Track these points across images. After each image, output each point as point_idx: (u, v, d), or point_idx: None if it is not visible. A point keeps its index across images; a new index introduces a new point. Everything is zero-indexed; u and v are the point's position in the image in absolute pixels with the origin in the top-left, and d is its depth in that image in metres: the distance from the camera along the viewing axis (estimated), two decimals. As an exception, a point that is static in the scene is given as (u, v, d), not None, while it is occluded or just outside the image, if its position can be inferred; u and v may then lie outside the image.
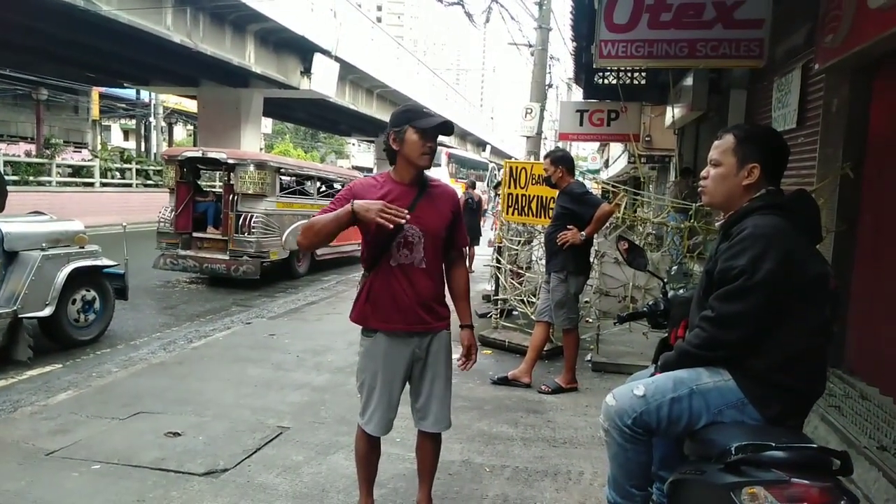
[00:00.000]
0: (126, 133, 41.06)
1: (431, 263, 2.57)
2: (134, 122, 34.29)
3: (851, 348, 4.29)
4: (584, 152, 40.21)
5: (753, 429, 1.93)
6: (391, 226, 2.27)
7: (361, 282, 2.64)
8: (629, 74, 10.96)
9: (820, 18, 4.60)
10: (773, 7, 5.36)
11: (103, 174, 20.26)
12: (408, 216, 2.31)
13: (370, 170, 36.99)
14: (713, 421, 2.00)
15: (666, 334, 2.67)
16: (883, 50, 3.89)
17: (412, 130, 2.47)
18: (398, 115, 2.55)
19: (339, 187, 12.13)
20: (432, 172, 2.72)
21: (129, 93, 29.66)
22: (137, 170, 22.39)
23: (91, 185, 19.45)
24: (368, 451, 2.72)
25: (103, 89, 28.57)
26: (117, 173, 21.43)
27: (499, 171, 18.14)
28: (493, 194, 12.35)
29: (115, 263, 6.16)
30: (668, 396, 2.04)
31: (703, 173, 2.22)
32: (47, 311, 5.31)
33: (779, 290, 1.88)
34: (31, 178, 17.26)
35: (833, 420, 3.55)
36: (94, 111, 29.08)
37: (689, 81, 8.45)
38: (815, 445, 1.78)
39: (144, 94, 29.32)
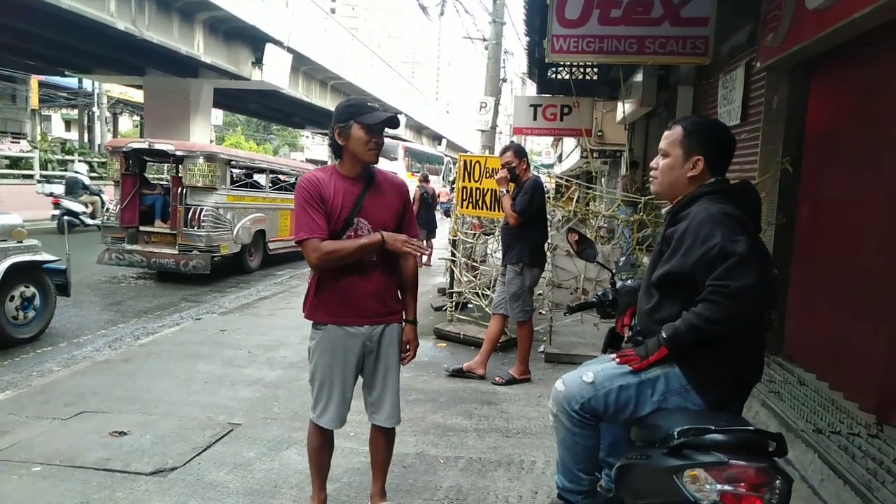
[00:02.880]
0: (68, 123, 39.50)
1: (382, 256, 2.54)
2: (76, 112, 33.01)
3: (790, 337, 4.48)
4: (539, 147, 40.67)
5: (695, 414, 1.99)
6: (417, 254, 2.55)
7: (311, 275, 2.61)
8: (581, 70, 11.13)
9: (761, 18, 4.77)
10: (717, 6, 5.53)
11: (43, 166, 19.44)
12: (428, 250, 2.46)
13: (324, 162, 36.45)
14: (658, 407, 2.06)
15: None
16: (820, 49, 4.06)
17: (357, 126, 2.44)
18: (342, 109, 2.52)
19: (293, 180, 11.99)
20: (390, 166, 2.70)
21: (71, 81, 28.50)
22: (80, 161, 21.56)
23: (30, 177, 18.64)
24: (321, 446, 2.70)
25: (43, 77, 27.38)
26: (58, 165, 20.59)
27: (454, 165, 18.16)
28: (449, 190, 12.34)
29: (57, 258, 5.94)
30: (616, 384, 2.09)
31: (652, 163, 2.25)
32: (-17, 309, 5.12)
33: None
34: (-35, 170, 16.50)
35: (773, 405, 3.70)
36: (34, 100, 27.87)
37: (639, 77, 8.63)
38: (751, 428, 1.85)
39: (87, 83, 28.22)
